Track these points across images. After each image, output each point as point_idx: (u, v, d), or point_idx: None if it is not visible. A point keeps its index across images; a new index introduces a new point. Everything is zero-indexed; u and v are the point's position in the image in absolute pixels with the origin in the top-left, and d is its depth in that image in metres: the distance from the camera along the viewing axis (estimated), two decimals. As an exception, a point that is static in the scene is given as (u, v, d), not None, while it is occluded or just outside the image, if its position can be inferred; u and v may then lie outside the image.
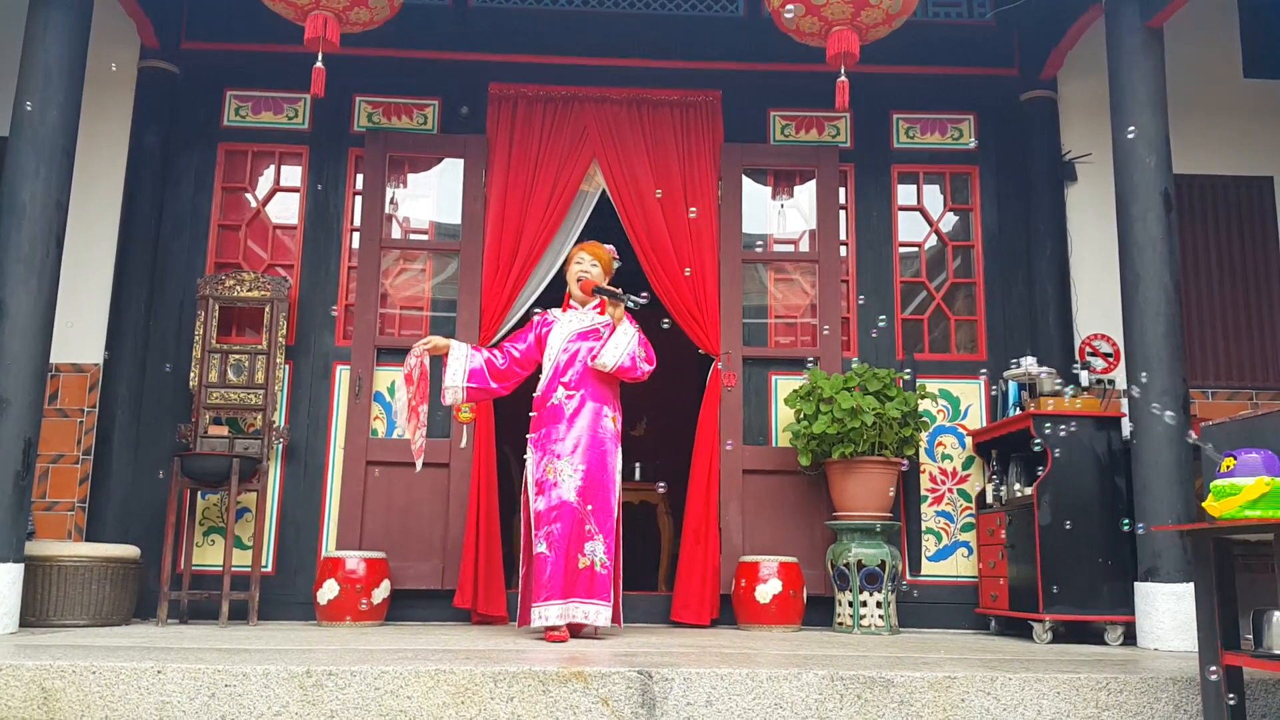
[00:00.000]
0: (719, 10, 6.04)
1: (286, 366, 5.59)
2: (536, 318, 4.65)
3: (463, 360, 4.48)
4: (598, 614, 4.25)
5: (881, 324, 5.68)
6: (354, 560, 4.98)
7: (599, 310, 4.59)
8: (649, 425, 8.63)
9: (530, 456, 4.47)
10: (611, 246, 4.70)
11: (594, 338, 4.49)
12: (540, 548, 4.26)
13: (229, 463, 5.06)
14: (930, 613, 5.46)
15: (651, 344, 4.55)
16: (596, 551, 4.28)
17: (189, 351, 5.54)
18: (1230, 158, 6.11)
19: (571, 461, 4.31)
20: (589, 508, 4.29)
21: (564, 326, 4.54)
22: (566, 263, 4.70)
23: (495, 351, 4.55)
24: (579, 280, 4.57)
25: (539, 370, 4.54)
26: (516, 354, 4.54)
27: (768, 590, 5.05)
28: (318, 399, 5.61)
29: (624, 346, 4.40)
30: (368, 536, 5.39)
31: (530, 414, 4.50)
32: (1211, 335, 5.99)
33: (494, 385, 4.50)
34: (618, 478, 4.46)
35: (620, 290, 4.45)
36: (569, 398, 4.40)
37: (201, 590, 5.17)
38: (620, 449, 4.50)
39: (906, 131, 6.02)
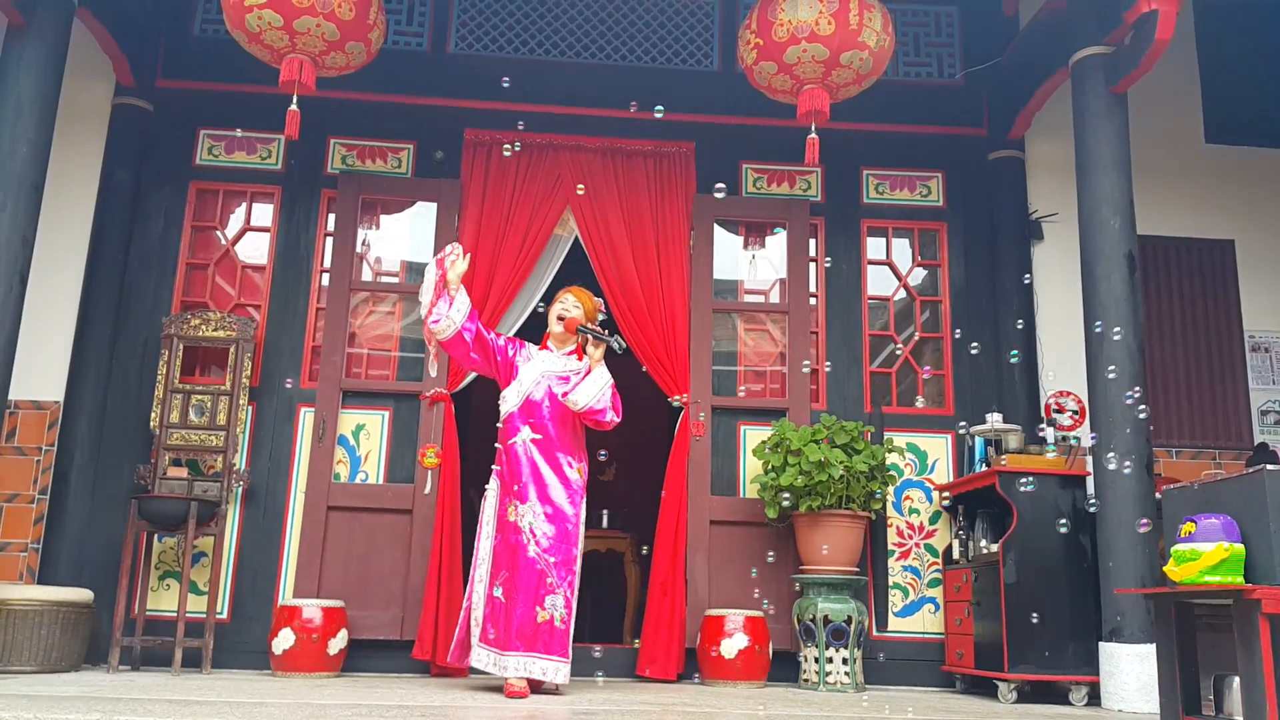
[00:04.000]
0: (694, 64, 6.12)
1: (250, 408, 5.52)
2: (517, 341, 4.64)
3: (468, 304, 4.49)
4: (557, 671, 4.19)
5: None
6: (311, 609, 4.88)
7: (575, 355, 4.59)
8: (618, 472, 8.59)
9: (492, 489, 4.44)
10: (600, 300, 4.71)
11: (565, 383, 4.47)
12: (497, 592, 4.23)
13: (187, 505, 4.96)
14: (897, 670, 5.42)
15: (621, 394, 4.53)
16: (557, 605, 4.22)
17: (151, 391, 5.46)
18: (1193, 220, 6.22)
19: (534, 509, 4.27)
20: (551, 560, 4.24)
21: (537, 364, 4.52)
22: (551, 302, 4.69)
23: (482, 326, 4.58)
24: (560, 318, 4.53)
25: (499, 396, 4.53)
26: (497, 341, 4.55)
27: (733, 645, 4.99)
28: (280, 442, 5.53)
29: (598, 388, 4.37)
30: (326, 584, 5.30)
31: (495, 445, 4.48)
32: (1175, 395, 6.05)
33: (477, 338, 4.48)
34: (581, 529, 4.42)
35: (605, 332, 4.43)
36: (534, 441, 4.37)
37: (155, 636, 5.04)
38: (584, 500, 4.46)
39: (876, 187, 6.09)
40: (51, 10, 4.73)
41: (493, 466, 4.50)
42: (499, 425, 4.51)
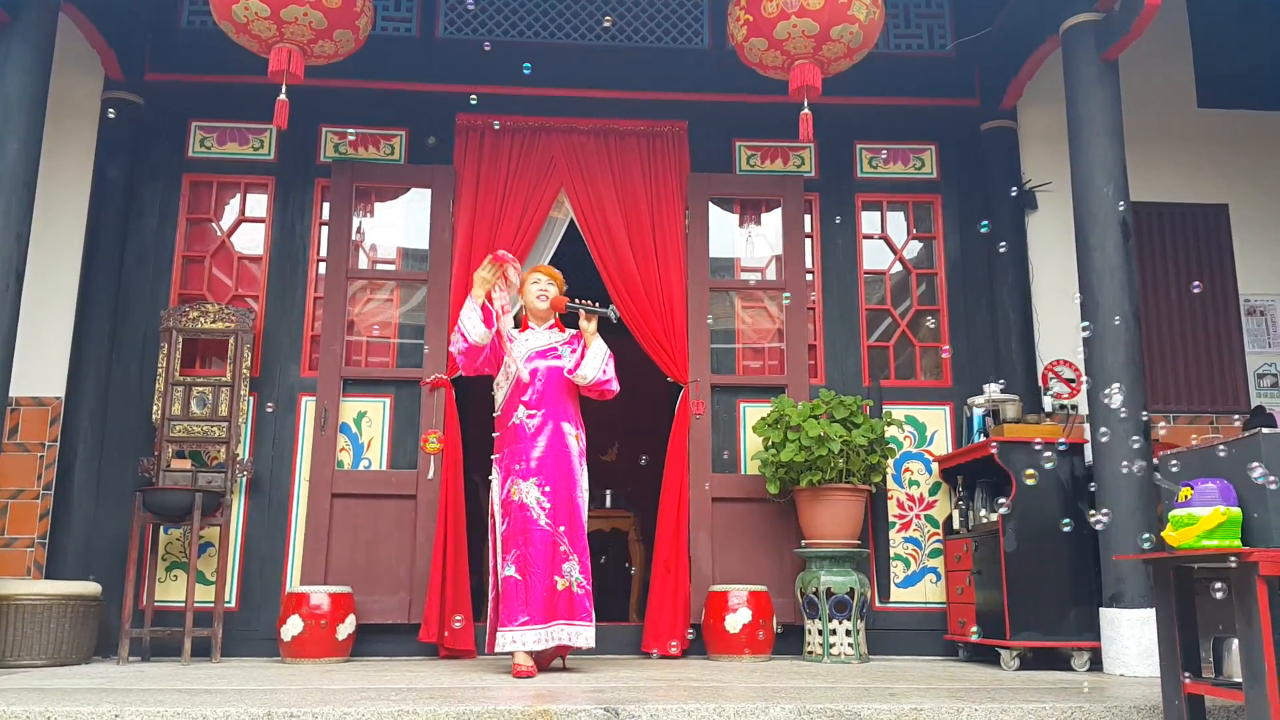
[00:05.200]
0: (684, 42, 6.10)
1: (251, 398, 5.54)
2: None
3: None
4: (578, 634, 4.22)
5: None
6: (318, 595, 4.92)
7: (557, 328, 4.60)
8: (620, 451, 8.62)
9: (495, 478, 4.46)
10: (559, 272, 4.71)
11: (552, 356, 4.49)
12: (509, 571, 4.22)
13: (191, 497, 5.00)
14: (900, 639, 5.47)
15: (621, 374, 4.56)
16: (573, 572, 4.26)
17: (152, 384, 5.48)
18: (1186, 186, 6.22)
19: (539, 482, 4.28)
20: (561, 529, 4.26)
21: (522, 345, 4.52)
22: (520, 286, 4.67)
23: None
24: (540, 297, 4.55)
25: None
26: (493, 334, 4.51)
27: (738, 620, 5.04)
28: (282, 431, 5.55)
29: (600, 360, 4.41)
30: (333, 570, 5.34)
31: (493, 434, 4.48)
32: (1172, 360, 6.07)
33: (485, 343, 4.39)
34: (585, 495, 4.45)
35: (595, 305, 4.44)
36: (530, 417, 4.38)
37: (164, 627, 5.08)
38: (586, 467, 4.48)
39: (870, 161, 6.09)
40: (36, 6, 4.71)
41: (491, 456, 4.52)
42: (495, 414, 4.52)
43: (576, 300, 4.50)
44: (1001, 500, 4.86)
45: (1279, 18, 6.07)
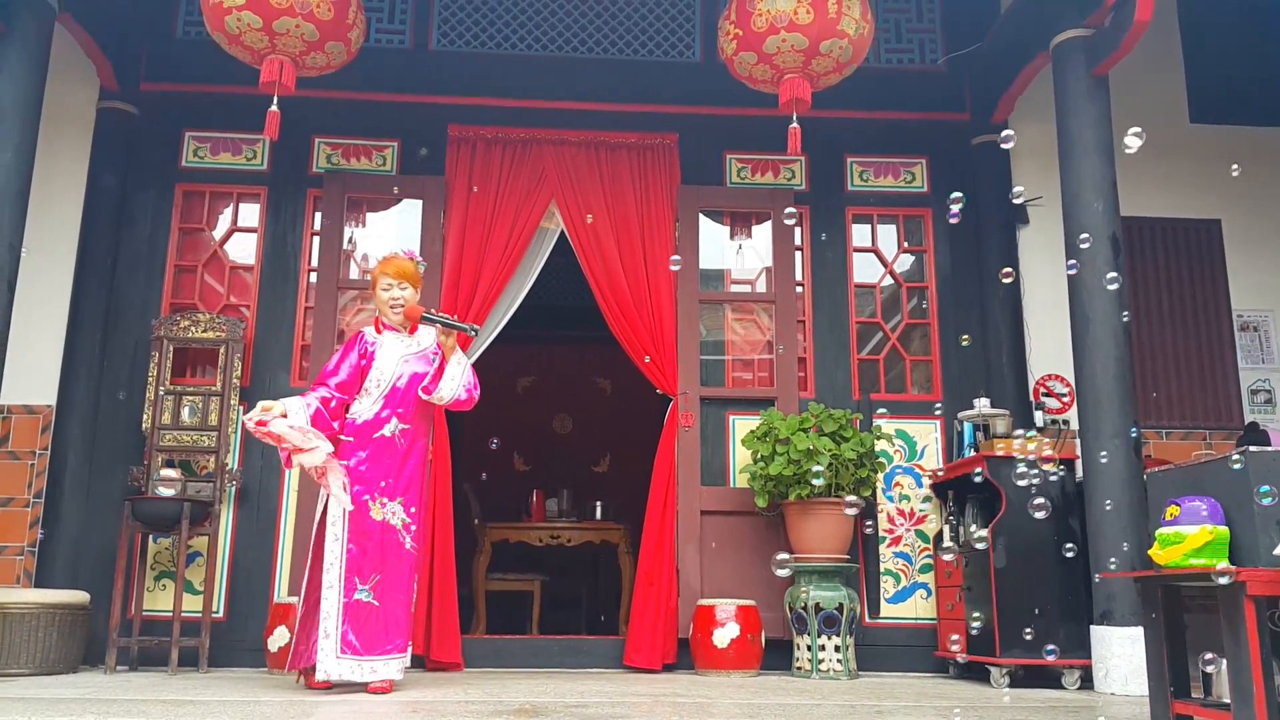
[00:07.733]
0: (675, 55, 6.11)
1: (241, 408, 5.52)
2: (356, 336, 4.26)
3: (303, 416, 3.96)
4: (406, 658, 4.08)
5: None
6: (306, 607, 4.89)
7: (415, 335, 4.30)
8: (611, 463, 8.60)
9: (341, 490, 3.98)
10: (410, 250, 4.37)
11: (424, 362, 4.21)
12: (363, 596, 3.92)
13: (180, 506, 4.98)
14: (890, 656, 5.44)
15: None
16: (413, 593, 4.15)
17: (143, 393, 5.47)
18: (1179, 201, 6.23)
19: (405, 502, 4.06)
20: (416, 550, 4.14)
21: (390, 349, 4.19)
22: (371, 285, 4.33)
23: (323, 390, 4.09)
24: (394, 307, 4.21)
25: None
26: (345, 381, 4.11)
27: (725, 634, 5.02)
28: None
29: (460, 378, 4.15)
30: (322, 581, 5.31)
31: (344, 437, 4.07)
32: (1165, 376, 6.07)
33: (335, 425, 4.07)
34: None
35: (455, 319, 4.24)
36: (404, 431, 4.10)
37: (152, 637, 5.06)
38: None
39: (860, 175, 6.10)
40: (33, 16, 4.73)
41: (341, 463, 4.02)
42: (358, 421, 4.09)
43: (434, 311, 4.21)
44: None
45: (1271, 33, 6.09)
